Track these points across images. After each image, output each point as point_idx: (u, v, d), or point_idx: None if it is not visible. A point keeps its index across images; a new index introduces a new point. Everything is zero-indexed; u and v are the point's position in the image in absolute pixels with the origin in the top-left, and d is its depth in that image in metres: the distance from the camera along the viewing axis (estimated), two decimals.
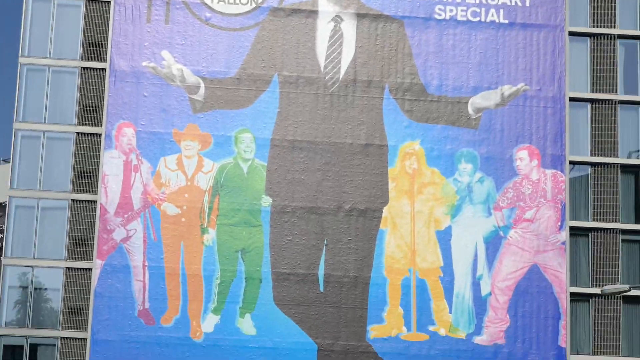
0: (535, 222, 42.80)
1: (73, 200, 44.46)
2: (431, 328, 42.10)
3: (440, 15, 44.08)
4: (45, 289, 45.15)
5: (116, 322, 41.25)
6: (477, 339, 41.92)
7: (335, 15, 43.98)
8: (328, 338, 41.70)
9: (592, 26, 46.31)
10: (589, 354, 44.12)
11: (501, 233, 42.68)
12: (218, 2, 43.58)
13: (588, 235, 45.13)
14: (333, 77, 43.71)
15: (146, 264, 41.85)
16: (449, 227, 42.69)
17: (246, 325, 41.88)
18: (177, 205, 42.17)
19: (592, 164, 45.16)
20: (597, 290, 41.90)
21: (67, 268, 43.72)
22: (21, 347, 43.83)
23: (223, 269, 41.78)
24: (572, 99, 44.31)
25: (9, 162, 48.03)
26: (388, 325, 42.03)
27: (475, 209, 42.96)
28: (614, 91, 45.55)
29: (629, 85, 46.83)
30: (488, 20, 44.23)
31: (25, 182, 44.94)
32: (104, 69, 43.43)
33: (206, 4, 43.58)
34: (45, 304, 44.99)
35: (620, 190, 45.82)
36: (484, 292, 42.40)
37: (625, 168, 45.27)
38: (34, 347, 44.10)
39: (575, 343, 43.68)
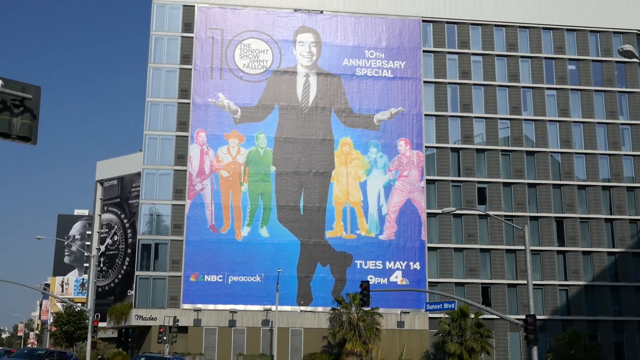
0: (408, 177, 64.53)
1: (175, 170, 63.23)
2: (357, 232, 63.62)
3: (359, 73, 66.20)
4: (162, 215, 63.41)
5: (198, 231, 62.24)
6: (381, 237, 63.70)
7: (306, 74, 66.14)
8: (305, 237, 63.27)
9: (435, 78, 67.39)
10: (437, 243, 63.90)
11: (392, 183, 64.43)
12: (247, 68, 65.17)
13: (435, 183, 65.61)
14: (305, 105, 65.46)
15: (212, 201, 62.43)
16: (365, 181, 64.43)
17: (264, 232, 63.13)
18: (227, 172, 63.27)
19: (436, 147, 66.48)
20: (439, 211, 62.79)
21: (172, 204, 62.80)
22: (150, 245, 62.70)
23: (251, 204, 63.09)
24: (426, 115, 66.27)
25: (142, 151, 65.93)
26: (335, 230, 63.47)
27: (379, 171, 64.57)
28: (446, 110, 67.26)
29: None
30: (383, 75, 66.42)
31: (151, 161, 63.73)
32: (189, 103, 64.23)
33: (240, 69, 65.09)
34: (162, 223, 63.17)
35: (450, 161, 66.30)
36: (383, 213, 63.98)
37: (453, 149, 66.53)
38: (156, 246, 62.69)
39: (430, 237, 64.27)
